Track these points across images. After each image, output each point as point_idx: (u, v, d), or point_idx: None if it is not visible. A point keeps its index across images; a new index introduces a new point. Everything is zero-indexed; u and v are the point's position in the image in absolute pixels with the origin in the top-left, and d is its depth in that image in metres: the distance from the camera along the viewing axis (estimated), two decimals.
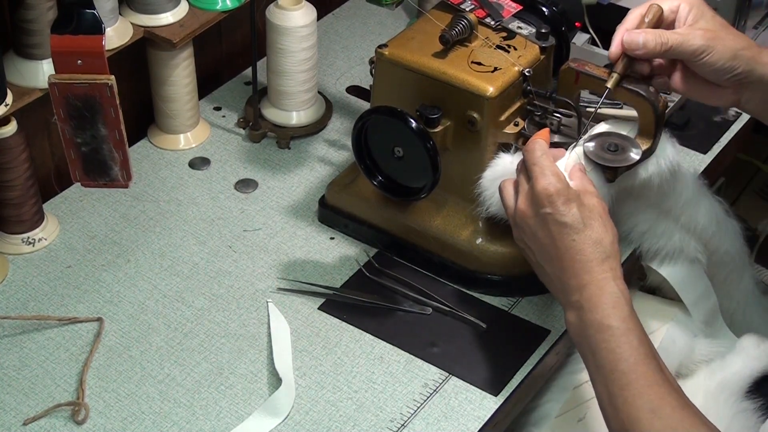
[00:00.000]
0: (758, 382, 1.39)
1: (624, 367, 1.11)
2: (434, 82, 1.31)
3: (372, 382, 1.28)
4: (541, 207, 1.17)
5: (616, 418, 1.11)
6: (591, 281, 1.15)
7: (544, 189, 1.17)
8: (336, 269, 1.42)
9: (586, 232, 1.16)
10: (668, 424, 1.08)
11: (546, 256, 1.19)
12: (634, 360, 1.11)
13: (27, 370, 1.27)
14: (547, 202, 1.17)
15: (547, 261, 1.19)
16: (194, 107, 1.60)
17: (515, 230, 1.23)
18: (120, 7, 1.46)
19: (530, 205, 1.19)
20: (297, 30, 1.53)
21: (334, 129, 1.64)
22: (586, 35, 1.71)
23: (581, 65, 1.29)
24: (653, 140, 1.27)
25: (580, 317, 1.15)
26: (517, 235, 1.23)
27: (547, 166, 1.19)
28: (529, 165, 1.20)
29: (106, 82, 1.19)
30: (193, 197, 1.52)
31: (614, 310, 1.13)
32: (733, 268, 1.45)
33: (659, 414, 1.08)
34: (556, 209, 1.16)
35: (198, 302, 1.37)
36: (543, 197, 1.17)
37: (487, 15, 1.38)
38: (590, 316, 1.14)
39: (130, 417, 1.23)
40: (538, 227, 1.18)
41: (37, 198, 1.41)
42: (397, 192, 1.37)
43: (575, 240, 1.16)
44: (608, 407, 1.12)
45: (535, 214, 1.18)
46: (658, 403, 1.08)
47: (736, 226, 1.42)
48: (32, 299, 1.36)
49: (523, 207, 1.19)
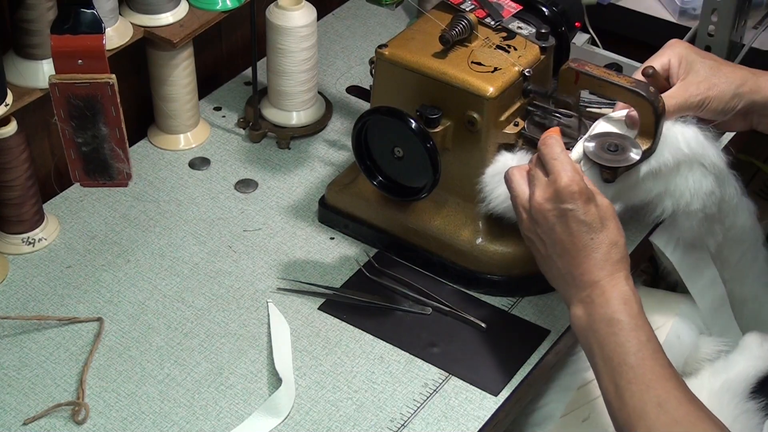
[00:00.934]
0: (762, 382, 1.39)
1: (632, 361, 1.12)
2: (434, 82, 1.31)
3: (372, 382, 1.28)
4: (563, 203, 1.18)
5: (622, 412, 1.12)
6: (604, 278, 1.17)
7: (568, 186, 1.18)
8: (336, 269, 1.42)
9: (605, 232, 1.18)
10: (674, 417, 1.09)
11: (560, 251, 1.20)
12: (643, 355, 1.12)
13: (27, 370, 1.27)
14: (570, 199, 1.18)
15: (559, 255, 1.20)
16: (194, 107, 1.60)
17: (527, 221, 1.23)
18: (120, 7, 1.46)
19: (550, 199, 1.19)
20: (297, 30, 1.53)
21: (334, 129, 1.64)
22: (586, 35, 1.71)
23: (581, 65, 1.29)
24: (653, 140, 1.27)
25: (589, 312, 1.17)
26: (529, 227, 1.23)
27: (568, 162, 1.20)
28: (549, 159, 1.20)
29: (107, 81, 1.19)
30: (193, 197, 1.52)
31: (625, 306, 1.15)
32: (748, 247, 1.45)
33: (666, 408, 1.09)
34: (579, 207, 1.18)
35: (198, 302, 1.37)
36: (566, 194, 1.18)
37: (487, 15, 1.38)
38: (601, 310, 1.16)
39: (130, 417, 1.23)
40: (557, 222, 1.19)
41: (37, 198, 1.41)
42: (397, 192, 1.37)
43: (593, 239, 1.18)
44: (614, 401, 1.13)
45: (554, 209, 1.19)
46: (665, 397, 1.10)
47: (751, 204, 1.43)
48: (32, 299, 1.36)
49: (541, 200, 1.20)
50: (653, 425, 1.09)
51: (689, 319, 1.43)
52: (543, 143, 1.23)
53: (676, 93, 1.30)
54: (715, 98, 1.31)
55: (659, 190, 1.30)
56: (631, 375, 1.12)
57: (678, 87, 1.31)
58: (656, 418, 1.09)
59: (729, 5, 1.67)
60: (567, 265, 1.19)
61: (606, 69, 1.29)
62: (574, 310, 1.19)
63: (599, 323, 1.16)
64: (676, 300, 1.46)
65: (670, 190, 1.30)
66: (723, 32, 1.69)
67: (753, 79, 1.32)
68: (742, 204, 1.41)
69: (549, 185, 1.20)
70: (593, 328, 1.16)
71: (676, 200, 1.31)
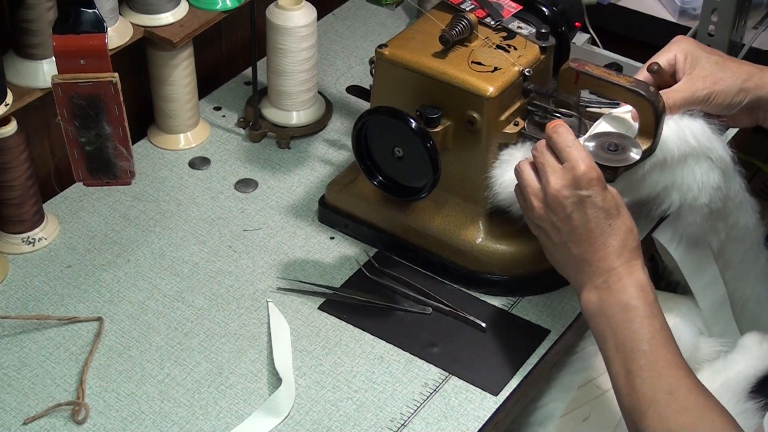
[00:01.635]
0: (761, 382, 1.39)
1: (645, 348, 1.13)
2: (434, 82, 1.31)
3: (372, 382, 1.28)
4: (581, 189, 1.18)
5: (631, 398, 1.13)
6: (621, 265, 1.18)
7: (587, 173, 1.18)
8: (336, 269, 1.42)
9: (621, 218, 1.19)
10: (684, 405, 1.10)
11: (576, 237, 1.20)
12: (656, 342, 1.14)
13: (27, 370, 1.27)
14: (589, 186, 1.18)
15: (576, 242, 1.20)
16: (194, 107, 1.60)
17: (541, 209, 1.22)
18: (120, 7, 1.46)
19: (568, 186, 1.19)
20: (297, 30, 1.53)
21: (334, 129, 1.64)
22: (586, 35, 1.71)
23: (581, 65, 1.29)
24: (653, 140, 1.27)
25: (603, 297, 1.17)
26: (542, 215, 1.22)
27: (583, 149, 1.21)
28: (563, 146, 1.20)
29: (110, 80, 1.19)
30: (193, 197, 1.52)
31: (641, 294, 1.16)
32: (750, 246, 1.46)
33: (676, 395, 1.10)
34: (597, 194, 1.18)
35: (198, 302, 1.37)
36: (585, 180, 1.18)
37: (487, 15, 1.38)
38: (617, 296, 1.17)
39: (130, 417, 1.23)
40: (575, 209, 1.19)
41: (37, 198, 1.41)
42: (397, 192, 1.37)
43: (611, 225, 1.19)
44: (624, 387, 1.14)
45: (572, 195, 1.19)
46: (676, 385, 1.11)
47: (754, 202, 1.43)
48: (32, 299, 1.36)
49: (558, 187, 1.20)
50: (663, 412, 1.10)
51: (690, 320, 1.44)
52: (554, 131, 1.22)
53: (683, 87, 1.31)
54: (721, 93, 1.31)
55: (666, 183, 1.31)
56: (643, 361, 1.13)
57: (684, 81, 1.32)
58: (666, 405, 1.10)
59: (729, 5, 1.67)
60: (584, 251, 1.20)
61: (606, 69, 1.29)
62: (587, 296, 1.19)
63: (614, 308, 1.16)
64: (677, 301, 1.46)
65: (677, 183, 1.31)
66: (723, 32, 1.70)
67: (759, 75, 1.33)
68: (746, 202, 1.41)
69: (566, 172, 1.19)
70: (607, 313, 1.17)
71: (684, 193, 1.31)
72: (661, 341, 1.14)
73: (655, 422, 1.10)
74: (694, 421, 1.09)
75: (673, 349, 1.14)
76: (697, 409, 1.10)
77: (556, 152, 1.21)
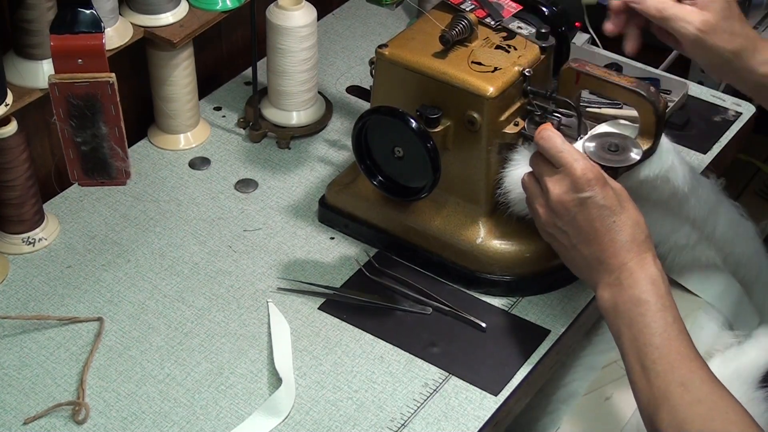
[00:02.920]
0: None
1: (657, 341, 1.13)
2: (434, 82, 1.31)
3: (372, 382, 1.28)
4: (581, 191, 1.19)
5: (646, 391, 1.13)
6: (631, 260, 1.18)
7: (583, 174, 1.19)
8: (336, 269, 1.42)
9: (625, 213, 1.19)
10: (697, 397, 1.10)
11: (584, 238, 1.20)
12: (668, 335, 1.14)
13: (27, 370, 1.27)
14: (588, 186, 1.19)
15: (584, 243, 1.21)
16: (194, 107, 1.60)
17: (547, 216, 1.23)
18: (120, 7, 1.46)
19: (568, 191, 1.20)
20: (297, 30, 1.53)
21: (334, 129, 1.64)
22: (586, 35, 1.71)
23: (581, 65, 1.29)
24: (654, 140, 1.27)
25: (616, 293, 1.18)
26: (549, 221, 1.23)
27: (575, 150, 1.21)
28: (555, 153, 1.21)
29: (107, 80, 1.19)
30: (193, 197, 1.52)
31: (652, 287, 1.17)
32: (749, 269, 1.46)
33: (689, 387, 1.10)
34: (597, 192, 1.19)
35: (198, 302, 1.37)
36: (583, 182, 1.19)
37: (487, 15, 1.38)
38: (629, 291, 1.17)
39: (130, 417, 1.23)
40: (578, 211, 1.20)
41: (37, 198, 1.41)
42: (397, 192, 1.37)
43: (615, 221, 1.19)
44: (639, 381, 1.14)
45: (573, 199, 1.20)
46: (689, 377, 1.11)
47: (752, 229, 1.43)
48: (32, 299, 1.36)
49: (559, 193, 1.20)
50: (677, 404, 1.10)
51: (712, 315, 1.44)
52: (540, 138, 1.23)
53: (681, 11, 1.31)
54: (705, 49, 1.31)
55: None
56: (656, 355, 1.13)
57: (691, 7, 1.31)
58: (680, 398, 1.10)
59: None
60: (594, 251, 1.20)
61: (606, 69, 1.29)
62: (601, 293, 1.20)
63: (627, 304, 1.17)
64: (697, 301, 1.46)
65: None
66: None
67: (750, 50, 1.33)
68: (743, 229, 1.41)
69: (563, 178, 1.20)
70: (620, 309, 1.17)
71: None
72: (673, 334, 1.14)
73: (669, 415, 1.10)
74: (707, 412, 1.09)
75: (685, 342, 1.14)
76: (710, 400, 1.10)
77: (549, 159, 1.22)
